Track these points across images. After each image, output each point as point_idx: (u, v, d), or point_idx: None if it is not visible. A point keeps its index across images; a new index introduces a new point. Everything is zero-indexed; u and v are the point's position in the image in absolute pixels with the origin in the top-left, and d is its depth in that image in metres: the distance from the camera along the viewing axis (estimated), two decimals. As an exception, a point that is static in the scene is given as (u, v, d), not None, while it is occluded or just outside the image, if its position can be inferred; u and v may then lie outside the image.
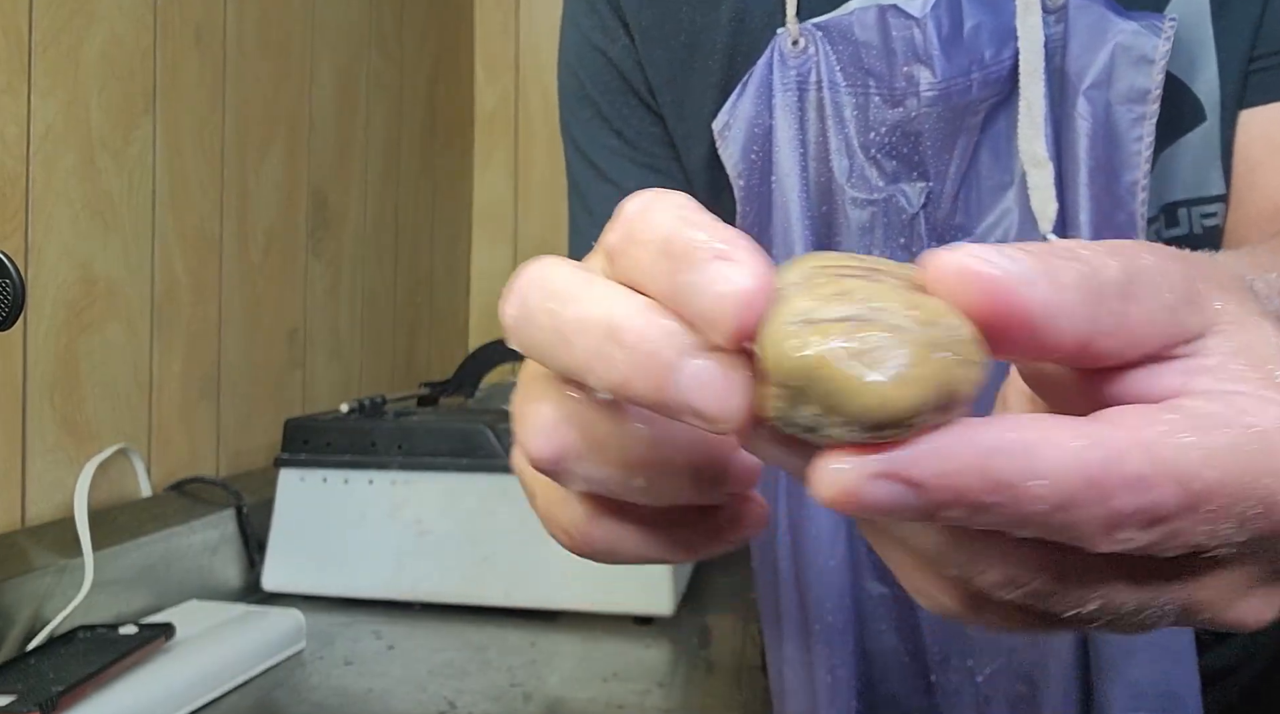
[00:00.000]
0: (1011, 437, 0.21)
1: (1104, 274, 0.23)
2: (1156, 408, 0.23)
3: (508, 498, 0.96)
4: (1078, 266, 0.23)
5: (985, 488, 0.21)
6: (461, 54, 1.80)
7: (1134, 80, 0.54)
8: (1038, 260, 0.23)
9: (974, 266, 0.22)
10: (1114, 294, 0.23)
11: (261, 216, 1.19)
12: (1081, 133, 0.54)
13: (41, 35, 0.85)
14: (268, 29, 1.19)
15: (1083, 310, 0.23)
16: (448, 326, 1.77)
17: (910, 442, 0.21)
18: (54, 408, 0.88)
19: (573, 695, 0.78)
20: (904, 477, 0.21)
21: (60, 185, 0.88)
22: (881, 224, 0.58)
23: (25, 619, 0.78)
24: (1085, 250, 0.24)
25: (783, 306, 0.22)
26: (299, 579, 0.99)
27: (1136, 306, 0.23)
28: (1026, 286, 0.22)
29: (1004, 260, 0.22)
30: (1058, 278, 0.22)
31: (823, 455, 0.21)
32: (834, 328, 0.21)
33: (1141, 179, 0.54)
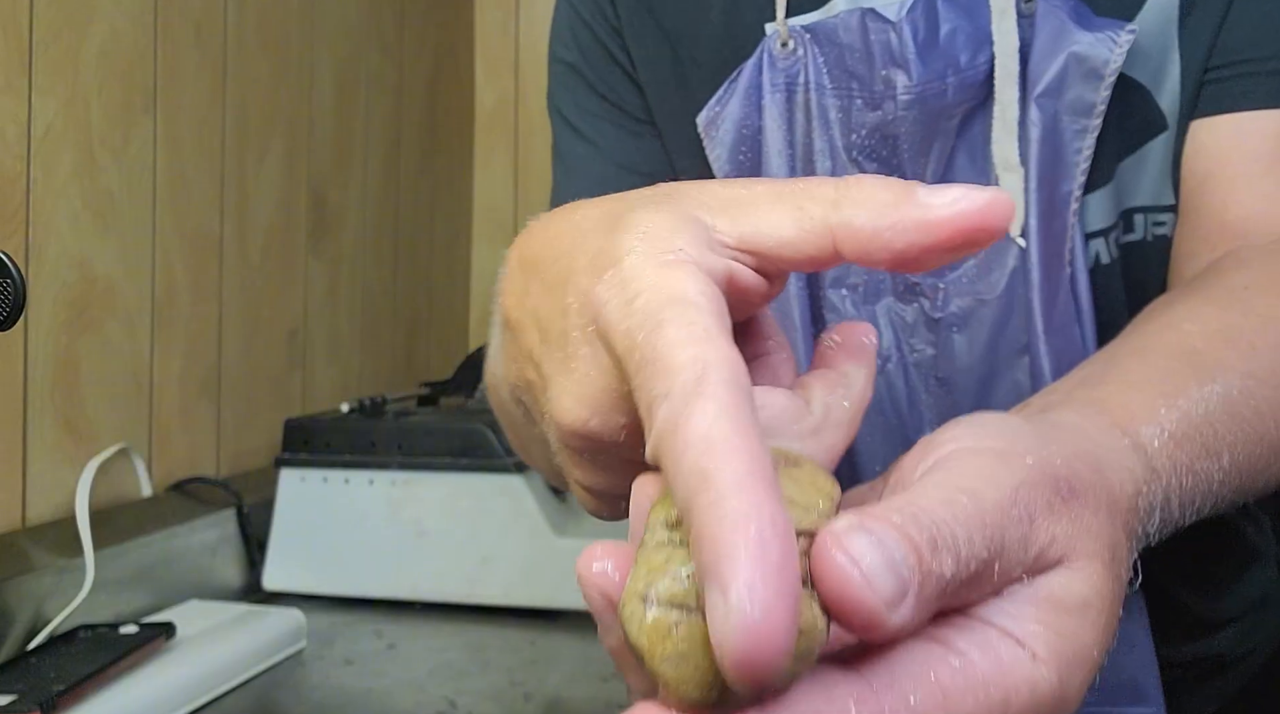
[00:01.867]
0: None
1: (965, 573, 0.25)
2: (924, 669, 0.25)
3: (508, 498, 0.96)
4: (945, 572, 0.24)
5: None
6: (461, 53, 1.80)
7: (1082, 92, 0.54)
8: (913, 569, 0.24)
9: (845, 573, 0.23)
10: (966, 585, 0.25)
11: (261, 216, 1.19)
12: (1033, 139, 0.55)
13: (42, 34, 0.85)
14: (267, 28, 1.19)
15: (929, 613, 0.25)
16: (448, 326, 1.77)
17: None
18: (54, 408, 0.88)
19: (572, 695, 0.78)
20: None
21: (60, 185, 0.88)
22: None
23: (26, 619, 0.78)
24: (961, 530, 0.25)
25: (635, 565, 0.24)
26: (299, 579, 0.99)
27: (978, 592, 0.26)
28: (889, 610, 0.23)
29: (880, 573, 0.23)
30: (922, 591, 0.24)
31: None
32: (660, 618, 0.23)
33: (1076, 191, 0.55)
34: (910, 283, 0.58)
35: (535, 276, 0.33)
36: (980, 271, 0.57)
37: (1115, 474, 0.31)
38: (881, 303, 0.59)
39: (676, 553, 0.24)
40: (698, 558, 0.22)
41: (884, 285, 0.59)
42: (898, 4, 0.56)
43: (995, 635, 0.26)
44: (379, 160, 1.50)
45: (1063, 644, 0.26)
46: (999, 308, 0.56)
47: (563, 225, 0.33)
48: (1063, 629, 0.26)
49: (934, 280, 0.57)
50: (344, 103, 1.39)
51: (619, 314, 0.26)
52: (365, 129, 1.45)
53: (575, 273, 0.30)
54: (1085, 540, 0.27)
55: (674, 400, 0.23)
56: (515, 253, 0.35)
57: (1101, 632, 0.27)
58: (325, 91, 1.34)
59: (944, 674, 0.25)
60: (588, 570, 0.26)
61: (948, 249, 0.27)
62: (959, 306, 0.57)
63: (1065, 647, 0.26)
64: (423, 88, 1.65)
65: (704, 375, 0.23)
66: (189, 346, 1.06)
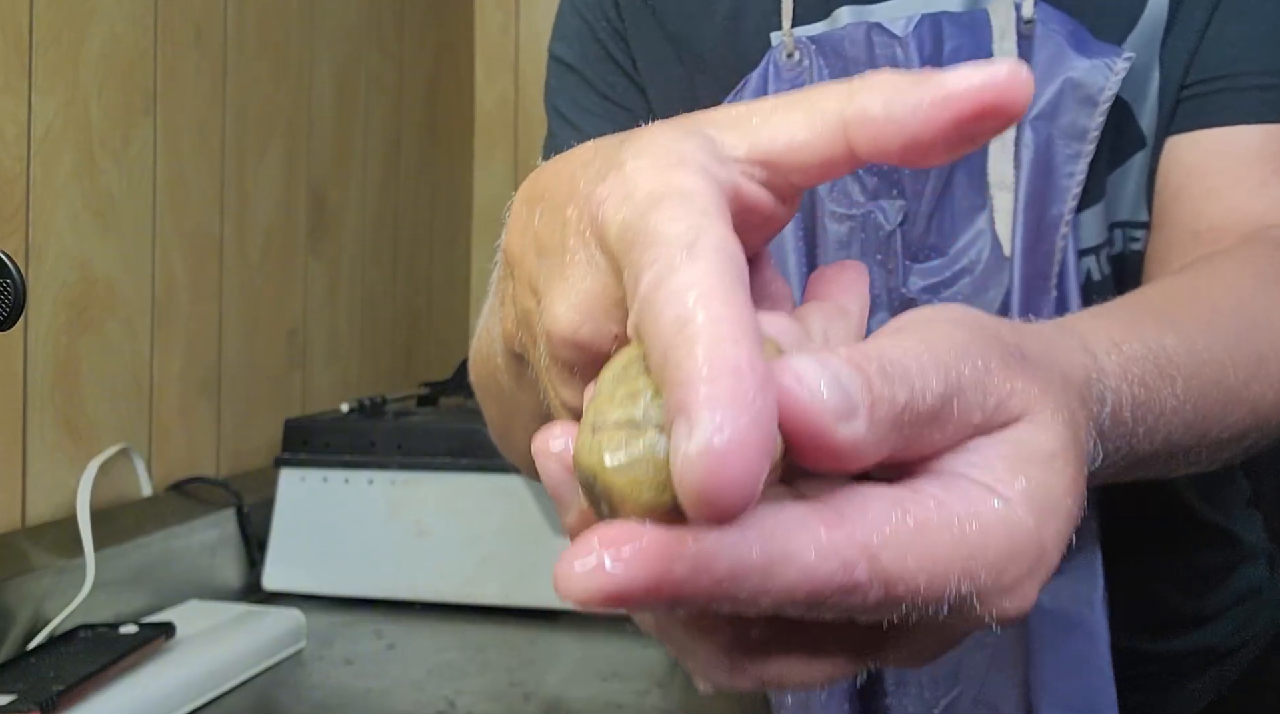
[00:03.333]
0: (754, 557, 0.22)
1: (920, 405, 0.24)
2: (894, 504, 0.24)
3: (508, 498, 0.96)
4: (898, 398, 0.24)
5: (716, 598, 0.23)
6: (461, 54, 1.80)
7: (1076, 118, 0.55)
8: (861, 390, 0.23)
9: (789, 388, 0.22)
10: (925, 421, 0.25)
11: (261, 216, 1.19)
12: (1024, 161, 0.55)
13: (42, 35, 0.85)
14: (267, 29, 1.19)
15: (888, 444, 0.24)
16: (447, 326, 1.77)
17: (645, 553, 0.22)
18: (54, 408, 0.88)
19: (572, 695, 0.78)
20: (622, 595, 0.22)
21: (60, 185, 0.88)
22: (859, 239, 0.59)
23: (26, 619, 0.78)
24: (915, 364, 0.25)
25: (585, 411, 0.24)
26: (299, 579, 0.99)
27: (941, 431, 0.25)
28: (840, 421, 0.23)
29: (826, 388, 0.23)
30: (874, 413, 0.23)
31: (566, 552, 0.22)
32: (610, 436, 0.23)
33: (1066, 214, 0.55)
34: (906, 299, 0.58)
35: (540, 203, 0.32)
36: (976, 288, 0.57)
37: (1064, 356, 0.31)
38: (876, 318, 0.59)
39: (622, 389, 0.23)
40: (669, 397, 0.21)
41: (879, 301, 0.59)
42: (904, 20, 0.57)
43: (966, 483, 0.25)
44: (379, 160, 1.50)
45: (1035, 490, 0.26)
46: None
47: (567, 159, 0.33)
48: (1033, 476, 0.26)
49: (930, 297, 0.58)
50: (344, 103, 1.39)
51: (615, 207, 0.26)
52: (365, 129, 1.45)
53: (576, 188, 0.29)
54: (1045, 397, 0.27)
55: (660, 263, 0.23)
56: (520, 193, 0.35)
57: (1071, 483, 0.27)
58: (325, 92, 1.34)
59: (917, 511, 0.24)
60: (545, 446, 0.26)
61: (965, 127, 0.25)
62: None
63: (1038, 492, 0.26)
64: (422, 88, 1.65)
65: (694, 241, 0.23)
66: (189, 347, 1.06)
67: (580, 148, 0.33)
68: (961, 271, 0.57)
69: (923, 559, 0.24)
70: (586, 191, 0.28)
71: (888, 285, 0.58)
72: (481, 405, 0.59)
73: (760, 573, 0.22)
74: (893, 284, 0.58)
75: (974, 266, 0.57)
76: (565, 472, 0.25)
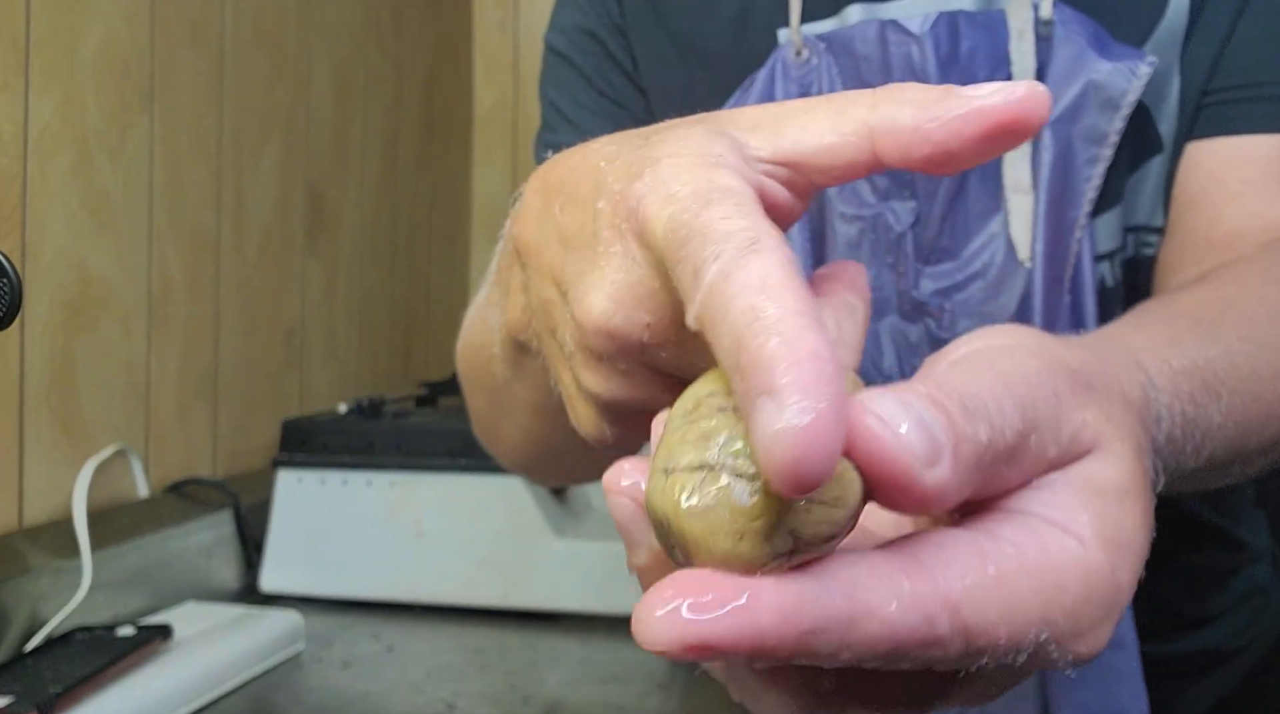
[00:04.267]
0: (838, 610, 0.22)
1: (1001, 442, 0.24)
2: (974, 551, 0.24)
3: (507, 499, 0.96)
4: (980, 437, 0.24)
5: (799, 652, 0.22)
6: (459, 52, 1.80)
7: (1097, 121, 0.55)
8: (945, 431, 0.23)
9: (876, 432, 0.22)
10: (1004, 458, 0.25)
11: (258, 215, 1.18)
12: (1044, 163, 0.55)
13: (38, 33, 0.85)
14: (264, 27, 1.19)
15: (971, 485, 0.24)
16: (446, 326, 1.76)
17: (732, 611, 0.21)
18: (51, 409, 0.87)
19: (572, 698, 0.78)
20: (707, 644, 0.21)
21: (56, 184, 0.87)
22: (869, 241, 0.58)
23: (23, 620, 0.78)
24: (993, 401, 0.24)
25: (656, 451, 0.24)
26: (297, 581, 0.99)
27: (1018, 468, 0.25)
28: (924, 467, 0.23)
29: (910, 429, 0.23)
30: (958, 455, 0.23)
31: (644, 598, 0.22)
32: (684, 479, 0.22)
33: (1082, 218, 0.55)
34: (917, 302, 0.58)
35: (558, 196, 0.33)
36: (989, 293, 0.57)
37: (1124, 376, 0.31)
38: (885, 321, 0.59)
39: (693, 429, 0.23)
40: (744, 383, 0.21)
41: (889, 304, 0.58)
42: (920, 18, 0.56)
43: (1040, 524, 0.25)
44: (377, 159, 1.49)
45: (1108, 530, 0.26)
46: None
47: (585, 153, 0.33)
48: (1106, 515, 0.26)
49: (941, 300, 0.57)
50: (341, 102, 1.38)
51: (659, 204, 0.26)
52: (363, 128, 1.45)
53: (606, 182, 0.30)
54: (1114, 427, 0.27)
55: (726, 258, 0.23)
56: (532, 185, 0.35)
57: (1142, 518, 0.27)
58: (323, 90, 1.33)
59: (996, 557, 0.24)
60: (615, 484, 0.25)
61: (988, 140, 0.27)
62: (966, 327, 0.57)
63: (1111, 532, 0.26)
64: (421, 87, 1.64)
65: (757, 238, 0.24)
66: (186, 347, 1.05)
67: (598, 142, 0.33)
68: (974, 275, 0.57)
69: (1004, 610, 0.24)
70: (621, 188, 0.28)
71: (898, 288, 0.58)
72: (467, 397, 0.59)
73: (844, 626, 0.22)
74: (903, 287, 0.58)
75: (987, 270, 0.56)
76: (636, 509, 0.25)
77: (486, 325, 0.44)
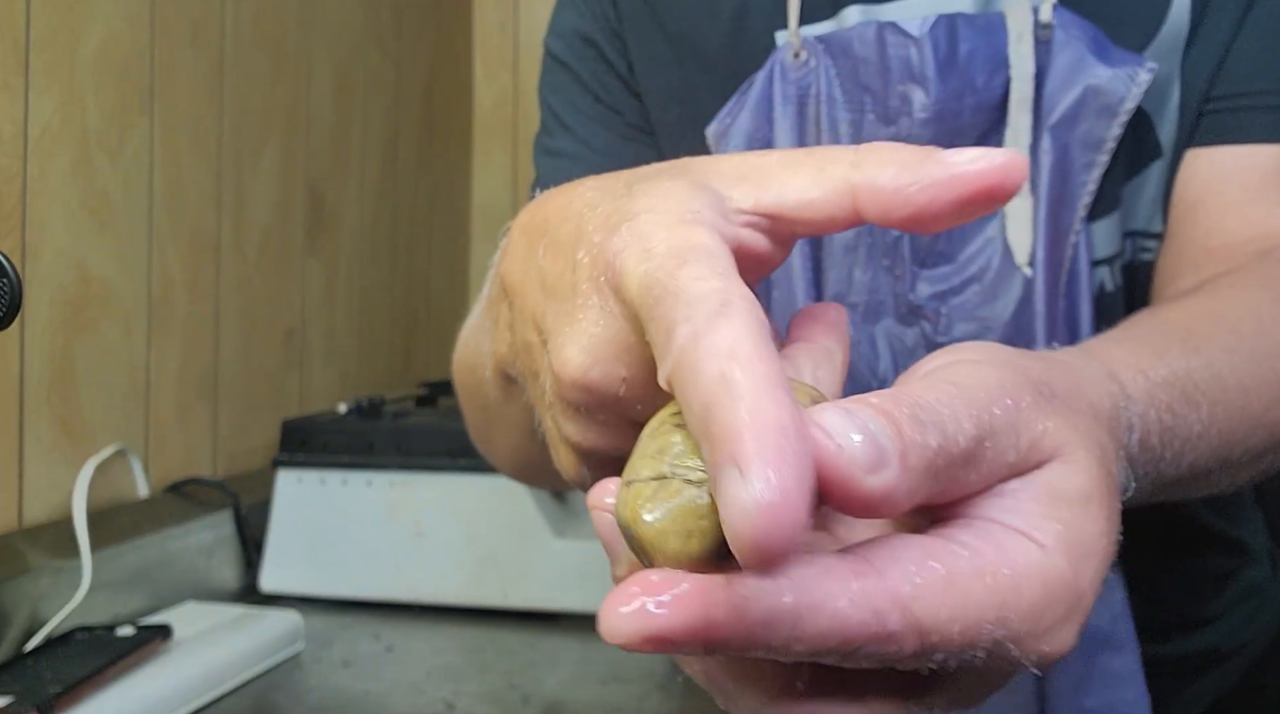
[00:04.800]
0: (787, 604, 0.23)
1: (953, 448, 0.25)
2: (926, 554, 0.25)
3: (506, 499, 0.96)
4: (930, 443, 0.24)
5: (752, 643, 0.23)
6: (460, 52, 1.80)
7: (1094, 127, 0.54)
8: (892, 439, 0.24)
9: (819, 442, 0.23)
10: (959, 464, 0.25)
11: (258, 215, 1.18)
12: (1044, 167, 0.55)
13: (38, 34, 0.85)
14: (264, 27, 1.19)
15: (924, 489, 0.25)
16: (446, 326, 1.76)
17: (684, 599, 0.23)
18: (51, 408, 0.88)
19: (571, 698, 0.78)
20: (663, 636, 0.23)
21: (56, 184, 0.87)
22: (865, 244, 0.58)
23: (23, 620, 0.78)
24: (946, 409, 0.25)
25: (627, 466, 0.25)
26: (297, 580, 0.99)
27: (976, 473, 0.26)
28: (869, 473, 0.23)
29: (857, 438, 0.23)
30: (906, 461, 0.24)
31: (611, 595, 0.23)
32: (642, 489, 0.24)
33: (1077, 223, 0.55)
34: (913, 305, 0.58)
35: (541, 239, 0.33)
36: (985, 297, 0.56)
37: (1092, 387, 0.31)
38: (881, 324, 0.59)
39: (653, 445, 0.25)
40: (713, 453, 0.22)
41: (885, 307, 0.58)
42: (919, 20, 0.56)
43: (999, 530, 0.26)
44: (377, 159, 1.50)
45: (1071, 535, 0.26)
46: (1004, 335, 0.56)
47: (570, 196, 0.33)
48: (1068, 520, 0.26)
49: (937, 304, 0.57)
50: (342, 102, 1.38)
51: (635, 259, 0.26)
52: (363, 128, 1.45)
53: (586, 232, 0.30)
54: (1076, 435, 0.28)
55: (696, 321, 0.24)
56: (519, 222, 0.36)
57: (1106, 522, 0.27)
58: (323, 91, 1.33)
59: (948, 560, 0.25)
60: (599, 501, 0.27)
61: (967, 205, 0.27)
62: (962, 331, 0.57)
63: (1074, 537, 0.26)
64: (421, 87, 1.64)
65: (728, 302, 0.24)
66: (186, 347, 1.05)
67: (582, 185, 0.33)
68: (970, 279, 0.57)
69: (955, 609, 0.24)
70: (600, 241, 0.29)
71: (894, 291, 0.58)
72: (462, 406, 0.59)
73: (793, 619, 0.23)
74: (900, 290, 0.58)
75: (983, 274, 0.56)
76: (614, 526, 0.26)
77: (479, 348, 0.45)
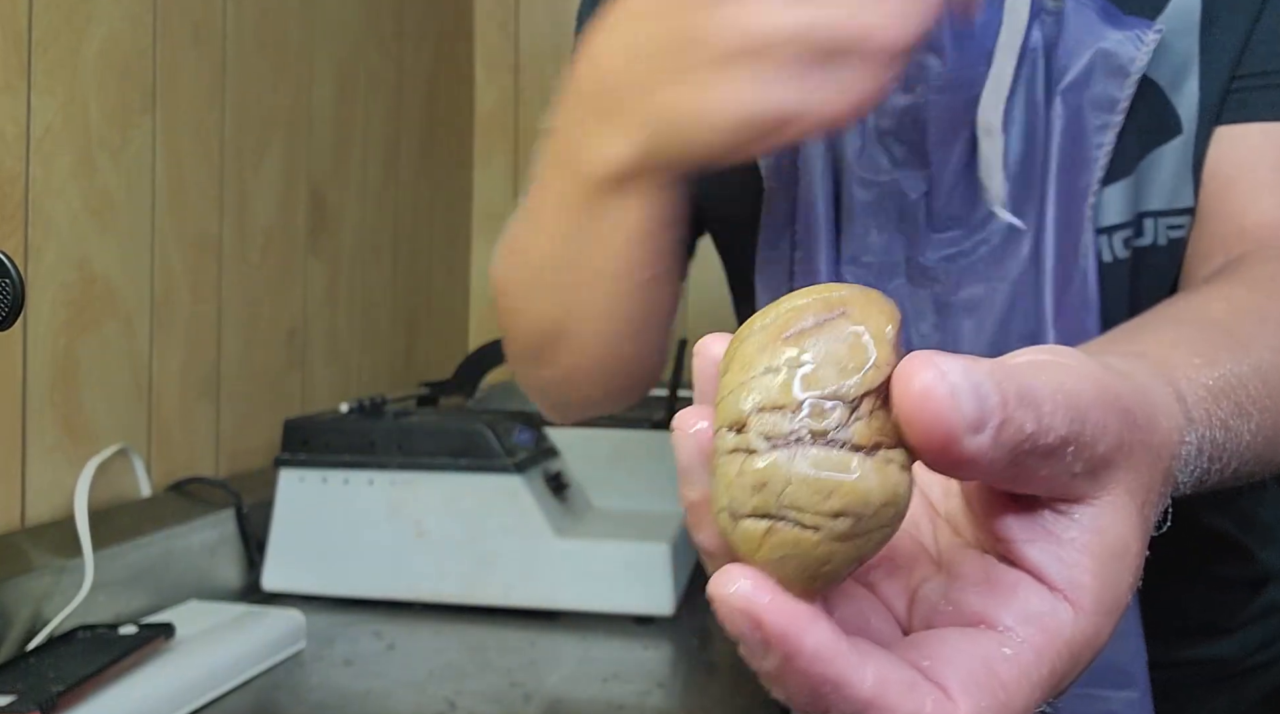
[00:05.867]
0: (864, 685, 0.24)
1: (1040, 440, 0.25)
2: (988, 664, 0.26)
3: (508, 498, 0.96)
4: (1026, 426, 0.25)
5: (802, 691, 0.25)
6: (461, 53, 1.80)
7: (1106, 88, 0.56)
8: (998, 406, 0.24)
9: (933, 387, 0.24)
10: (1039, 456, 0.26)
11: (260, 216, 1.19)
12: (1055, 131, 0.56)
13: (41, 35, 0.85)
14: (266, 28, 1.19)
15: (1002, 469, 0.25)
16: (447, 326, 1.77)
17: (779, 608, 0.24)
18: (53, 408, 0.88)
19: (572, 696, 0.78)
20: (765, 629, 0.24)
21: (59, 185, 0.88)
22: (883, 206, 0.60)
23: (25, 619, 0.78)
24: (1048, 404, 0.26)
25: (713, 483, 0.26)
26: (299, 579, 0.99)
27: (1047, 471, 0.26)
28: (967, 431, 0.24)
29: (965, 393, 0.24)
30: (1001, 433, 0.24)
31: (726, 570, 0.25)
32: (750, 526, 0.25)
33: (1094, 184, 0.56)
34: (924, 267, 0.60)
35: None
36: (993, 258, 0.58)
37: (1164, 418, 0.31)
38: (893, 285, 0.61)
39: (740, 461, 0.25)
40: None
41: (898, 268, 0.60)
42: None
43: (1033, 590, 0.27)
44: (378, 160, 1.50)
45: (1105, 594, 0.27)
46: (1008, 294, 0.58)
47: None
48: (1107, 577, 0.27)
49: (947, 266, 0.59)
50: (343, 102, 1.39)
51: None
52: (365, 129, 1.45)
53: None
54: (1133, 476, 0.28)
55: None
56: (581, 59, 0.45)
57: (1135, 574, 0.28)
58: (324, 91, 1.34)
59: (996, 662, 0.26)
60: (685, 427, 0.27)
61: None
62: (970, 293, 0.59)
63: (1107, 596, 0.27)
64: (422, 87, 1.64)
65: None
66: (188, 347, 1.05)
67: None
68: (979, 242, 0.59)
69: (998, 708, 0.26)
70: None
71: (907, 253, 0.60)
72: (517, 319, 0.60)
73: (863, 704, 0.24)
74: (912, 252, 0.60)
75: (992, 238, 0.58)
76: (698, 452, 0.27)
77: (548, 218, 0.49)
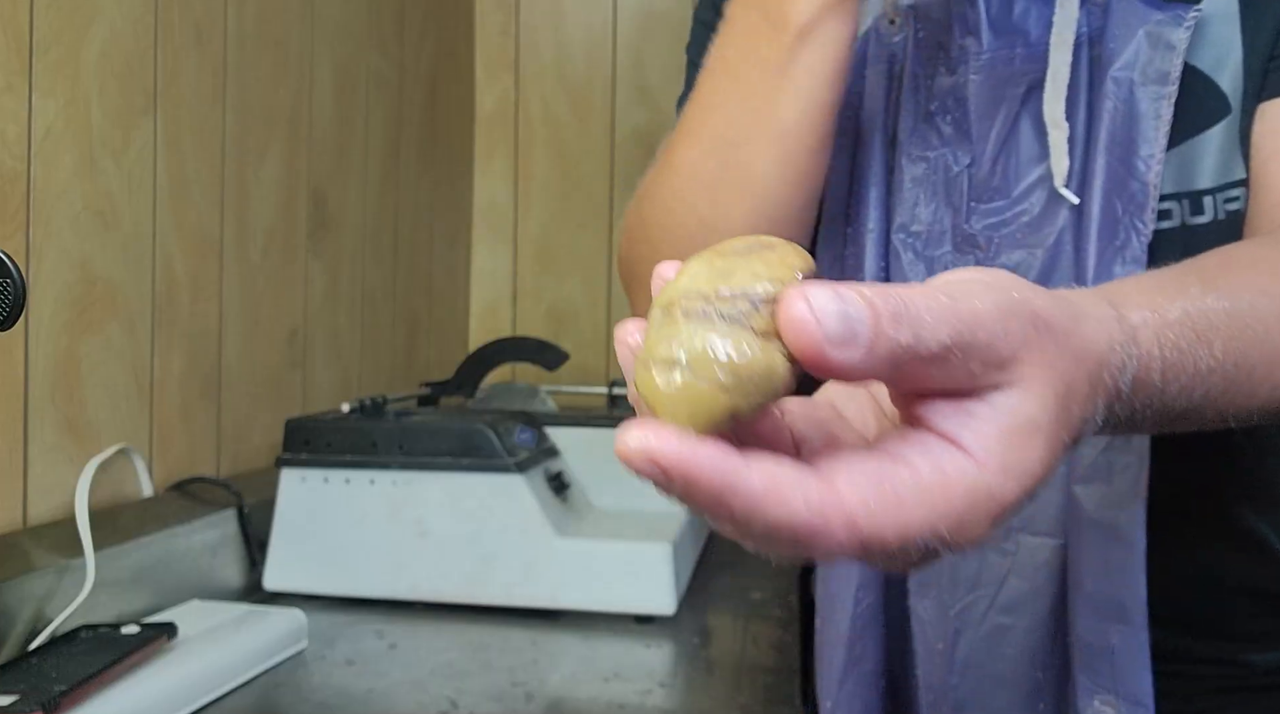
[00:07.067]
0: (752, 484, 0.28)
1: (921, 350, 0.28)
2: (879, 477, 0.29)
3: (509, 498, 0.96)
4: (900, 339, 0.28)
5: (711, 506, 0.28)
6: (461, 54, 1.80)
7: (1157, 63, 0.60)
8: (867, 325, 0.28)
9: (802, 318, 0.28)
10: (924, 362, 0.29)
11: (261, 216, 1.19)
12: (1105, 110, 0.60)
13: (42, 35, 0.85)
14: (267, 29, 1.19)
15: (882, 371, 0.29)
16: (448, 326, 1.77)
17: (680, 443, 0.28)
18: (55, 408, 0.88)
19: (574, 695, 0.78)
20: (659, 464, 0.28)
21: (61, 185, 0.88)
22: (932, 180, 0.66)
23: (27, 619, 0.78)
24: (929, 315, 0.29)
25: (642, 346, 0.30)
26: (300, 579, 0.99)
27: (939, 371, 0.29)
28: (837, 349, 0.28)
29: (833, 318, 0.28)
30: (873, 347, 0.28)
31: (626, 426, 0.28)
32: (660, 375, 0.29)
33: (1158, 153, 0.59)
34: (968, 235, 0.64)
35: None
36: (1033, 226, 0.62)
37: (1090, 327, 0.34)
38: (940, 252, 0.66)
39: (660, 324, 0.30)
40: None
41: (945, 237, 0.65)
42: None
43: (948, 448, 0.30)
44: (379, 161, 1.50)
45: (1010, 458, 0.30)
46: (1046, 260, 0.62)
47: None
48: (1013, 445, 0.30)
49: (990, 234, 0.64)
50: (344, 103, 1.39)
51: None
52: (365, 129, 1.46)
53: None
54: (1045, 370, 0.31)
55: None
56: None
57: (1045, 452, 0.31)
58: (325, 92, 1.34)
59: (896, 483, 0.29)
60: (624, 338, 0.33)
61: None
62: (1009, 259, 0.63)
63: (1010, 458, 0.30)
64: (423, 88, 1.65)
65: None
66: (190, 347, 1.06)
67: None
68: (1020, 212, 0.63)
69: (895, 526, 0.29)
70: None
71: (953, 222, 0.65)
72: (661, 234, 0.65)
73: (756, 500, 0.28)
74: (957, 222, 0.65)
75: (1032, 207, 0.63)
76: (632, 357, 0.32)
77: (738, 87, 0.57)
